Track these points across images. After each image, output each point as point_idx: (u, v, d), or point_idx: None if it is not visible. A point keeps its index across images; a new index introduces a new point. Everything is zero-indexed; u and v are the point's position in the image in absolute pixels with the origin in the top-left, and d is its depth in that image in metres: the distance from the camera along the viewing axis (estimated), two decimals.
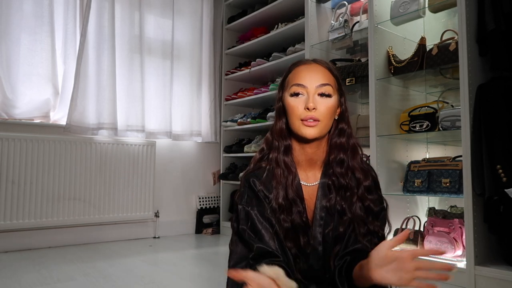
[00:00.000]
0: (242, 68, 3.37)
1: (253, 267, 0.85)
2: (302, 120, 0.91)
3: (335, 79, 0.96)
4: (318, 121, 0.90)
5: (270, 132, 1.01)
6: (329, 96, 0.92)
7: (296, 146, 0.97)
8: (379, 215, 0.95)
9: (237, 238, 0.97)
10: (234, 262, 0.95)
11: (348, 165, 0.95)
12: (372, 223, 0.93)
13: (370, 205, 0.93)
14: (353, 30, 2.50)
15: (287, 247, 0.92)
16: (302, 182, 0.98)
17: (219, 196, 3.48)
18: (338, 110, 0.97)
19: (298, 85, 0.92)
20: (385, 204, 0.98)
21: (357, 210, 0.93)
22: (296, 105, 0.92)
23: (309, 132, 0.90)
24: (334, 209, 0.94)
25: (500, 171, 1.74)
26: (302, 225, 0.94)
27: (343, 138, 0.97)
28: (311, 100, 0.90)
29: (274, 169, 0.96)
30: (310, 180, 0.99)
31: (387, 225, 0.98)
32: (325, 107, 0.91)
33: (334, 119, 0.96)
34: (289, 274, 0.82)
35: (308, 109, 0.89)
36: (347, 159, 0.96)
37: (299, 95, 0.92)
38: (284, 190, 0.93)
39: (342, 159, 0.96)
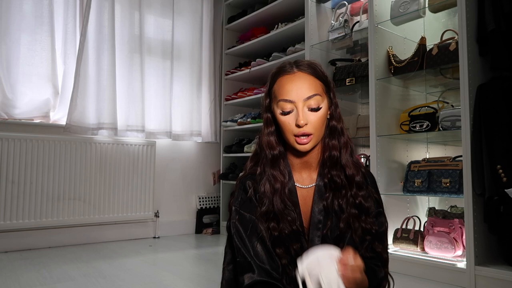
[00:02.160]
0: (242, 68, 3.36)
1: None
2: (295, 135, 0.92)
3: (322, 81, 0.95)
4: (311, 134, 0.91)
5: (258, 141, 1.01)
6: (318, 109, 0.92)
7: (290, 149, 0.98)
8: (371, 211, 0.95)
9: (229, 241, 1.00)
10: (227, 263, 1.01)
11: (341, 162, 0.96)
12: (365, 221, 0.94)
13: (361, 202, 0.94)
14: (353, 30, 2.50)
15: (277, 256, 0.92)
16: (297, 185, 0.98)
17: (219, 196, 3.48)
18: (329, 111, 0.97)
19: (286, 100, 0.92)
20: (382, 208, 0.98)
21: (352, 209, 0.94)
22: (287, 121, 0.92)
23: (303, 147, 0.92)
24: (331, 209, 0.94)
25: (500, 171, 1.74)
26: (294, 232, 0.93)
27: (335, 136, 0.97)
28: (301, 117, 0.90)
29: (265, 179, 0.96)
30: (305, 182, 0.99)
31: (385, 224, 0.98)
32: (315, 119, 0.91)
33: (326, 118, 0.96)
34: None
35: (299, 126, 0.90)
36: (340, 156, 0.96)
37: (289, 113, 0.92)
38: (276, 199, 0.93)
39: (336, 157, 0.96)
